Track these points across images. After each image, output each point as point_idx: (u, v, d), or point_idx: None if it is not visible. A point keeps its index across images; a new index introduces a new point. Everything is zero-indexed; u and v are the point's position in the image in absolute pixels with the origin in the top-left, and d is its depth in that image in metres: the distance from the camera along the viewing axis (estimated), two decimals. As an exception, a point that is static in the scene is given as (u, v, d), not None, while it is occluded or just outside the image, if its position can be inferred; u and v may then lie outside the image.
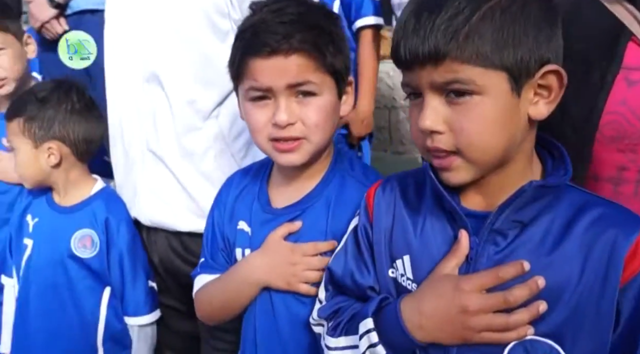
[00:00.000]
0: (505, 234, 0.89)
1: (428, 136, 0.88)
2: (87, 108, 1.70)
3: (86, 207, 1.71)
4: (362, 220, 1.08)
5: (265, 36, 1.12)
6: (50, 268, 1.69)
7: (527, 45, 0.82)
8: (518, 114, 0.85)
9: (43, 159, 1.66)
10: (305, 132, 1.16)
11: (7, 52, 1.86)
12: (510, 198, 0.87)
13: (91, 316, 1.69)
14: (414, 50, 0.84)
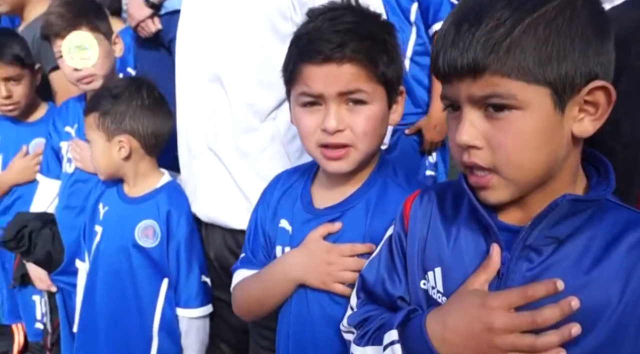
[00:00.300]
0: (539, 251, 0.85)
1: (465, 150, 0.86)
2: (156, 104, 1.78)
3: (151, 199, 1.79)
4: (397, 229, 1.07)
5: (319, 44, 1.14)
6: (115, 255, 1.78)
7: (572, 59, 0.78)
8: (561, 131, 0.82)
9: (115, 151, 1.75)
10: (353, 139, 1.17)
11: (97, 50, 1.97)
12: (543, 212, 0.83)
13: (149, 305, 1.76)
14: (452, 63, 0.82)
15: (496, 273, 0.88)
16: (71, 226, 2.05)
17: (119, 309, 1.78)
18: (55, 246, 2.07)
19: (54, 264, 2.08)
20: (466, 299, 0.88)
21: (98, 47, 1.96)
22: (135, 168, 1.80)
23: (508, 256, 0.87)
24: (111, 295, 1.80)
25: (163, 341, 1.77)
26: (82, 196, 2.02)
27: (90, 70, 1.95)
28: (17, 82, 2.25)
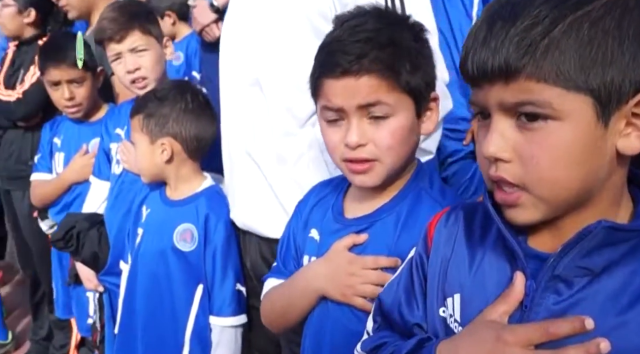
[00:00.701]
0: (569, 283, 0.75)
1: (493, 163, 0.76)
2: (200, 108, 1.77)
3: (191, 202, 1.78)
4: (419, 250, 0.98)
5: (337, 56, 1.10)
6: (154, 257, 1.78)
7: (621, 65, 0.68)
8: (603, 147, 0.71)
9: (157, 154, 1.75)
10: (377, 154, 1.12)
11: (149, 53, 2.00)
12: (574, 239, 0.73)
13: (183, 311, 1.75)
14: (482, 65, 0.73)
15: (519, 304, 0.78)
16: (117, 227, 2.07)
17: (155, 313, 1.78)
18: (102, 246, 2.10)
19: (100, 264, 2.11)
20: (481, 330, 0.79)
21: (150, 50, 1.98)
22: (177, 171, 1.80)
23: (533, 286, 0.77)
24: (149, 298, 1.80)
25: (194, 348, 1.75)
26: (129, 198, 2.03)
27: (142, 73, 1.97)
28: (79, 85, 2.32)
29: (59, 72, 2.31)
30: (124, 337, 1.87)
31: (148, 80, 1.99)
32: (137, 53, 1.96)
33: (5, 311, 3.75)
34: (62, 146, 2.49)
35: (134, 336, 1.83)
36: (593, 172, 0.72)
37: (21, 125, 2.97)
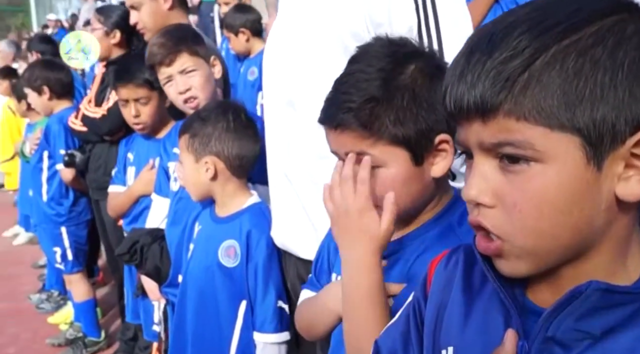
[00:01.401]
0: (567, 346, 0.66)
1: (475, 207, 0.69)
2: (242, 127, 1.81)
3: (236, 219, 1.82)
4: (417, 294, 0.91)
5: (325, 108, 1.13)
6: (201, 273, 1.84)
7: (613, 100, 0.60)
8: (596, 192, 0.63)
9: (202, 172, 1.81)
10: (377, 202, 1.08)
11: (198, 73, 2.06)
12: (564, 300, 0.65)
13: (228, 326, 1.79)
14: (458, 101, 0.66)
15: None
16: (177, 242, 2.15)
17: (203, 327, 1.84)
18: (163, 260, 2.19)
19: (162, 277, 2.20)
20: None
21: (199, 70, 2.04)
22: (223, 189, 1.84)
23: (526, 348, 0.69)
24: (197, 312, 1.86)
25: (238, 364, 1.79)
26: (186, 214, 2.11)
27: (192, 93, 2.04)
28: (145, 103, 2.46)
29: (127, 91, 2.46)
30: (176, 348, 1.94)
31: (199, 100, 2.05)
32: (187, 74, 2.03)
33: (102, 312, 4.02)
34: (133, 160, 2.65)
35: (184, 348, 1.89)
36: (585, 221, 0.64)
37: (107, 139, 3.17)
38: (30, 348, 3.81)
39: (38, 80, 3.56)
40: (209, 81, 2.10)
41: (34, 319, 4.24)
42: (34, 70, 3.64)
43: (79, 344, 3.65)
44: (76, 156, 3.30)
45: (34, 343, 3.86)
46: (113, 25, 3.12)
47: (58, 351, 3.70)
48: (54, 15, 14.14)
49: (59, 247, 3.67)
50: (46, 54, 4.58)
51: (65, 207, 3.67)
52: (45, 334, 3.93)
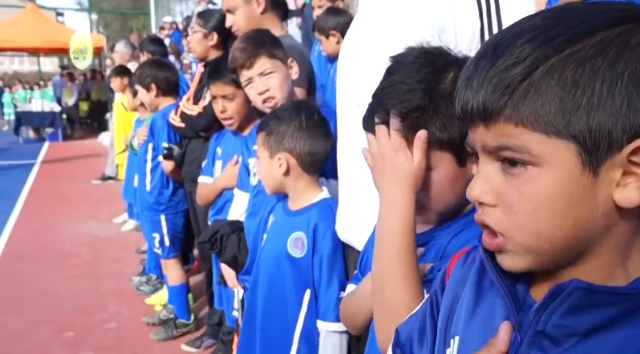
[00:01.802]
0: (557, 341, 0.69)
1: (480, 206, 0.73)
2: (314, 126, 1.92)
3: (305, 213, 1.93)
4: (435, 287, 0.96)
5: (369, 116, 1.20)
6: (272, 261, 1.96)
7: (611, 109, 0.62)
8: (593, 198, 0.65)
9: (276, 168, 1.93)
10: (430, 206, 1.16)
11: (276, 75, 2.20)
12: (548, 297, 0.68)
13: (293, 313, 1.90)
14: (465, 105, 0.70)
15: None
16: (254, 233, 2.29)
17: (271, 313, 1.96)
18: (241, 250, 2.34)
19: (240, 266, 2.35)
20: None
21: (277, 72, 2.17)
22: (295, 184, 1.96)
23: (518, 339, 0.72)
24: (267, 299, 1.98)
25: (302, 349, 1.89)
26: (263, 206, 2.25)
27: (271, 93, 2.18)
28: (231, 100, 2.63)
29: (216, 88, 2.66)
30: (247, 332, 2.07)
31: (277, 100, 2.18)
32: (266, 76, 2.17)
33: (194, 298, 4.27)
34: (221, 155, 2.83)
35: (254, 332, 2.02)
36: (582, 225, 0.66)
37: (202, 135, 3.38)
38: (128, 325, 4.13)
39: (147, 78, 3.85)
40: (286, 82, 2.23)
41: (134, 299, 4.57)
42: (144, 69, 3.93)
43: (171, 325, 3.91)
44: (174, 150, 3.55)
45: (132, 321, 4.18)
46: (211, 29, 3.34)
47: (152, 329, 3.98)
48: (170, 18, 14.90)
49: (158, 234, 3.93)
50: (156, 55, 4.90)
51: (166, 197, 3.92)
52: (142, 314, 4.25)
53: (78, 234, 6.46)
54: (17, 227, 6.81)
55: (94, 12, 27.80)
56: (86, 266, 5.38)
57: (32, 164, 11.61)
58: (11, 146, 14.41)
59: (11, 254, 5.82)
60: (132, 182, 4.44)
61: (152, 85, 3.84)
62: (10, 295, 4.70)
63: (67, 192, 8.90)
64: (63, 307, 4.42)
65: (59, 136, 15.48)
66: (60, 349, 3.75)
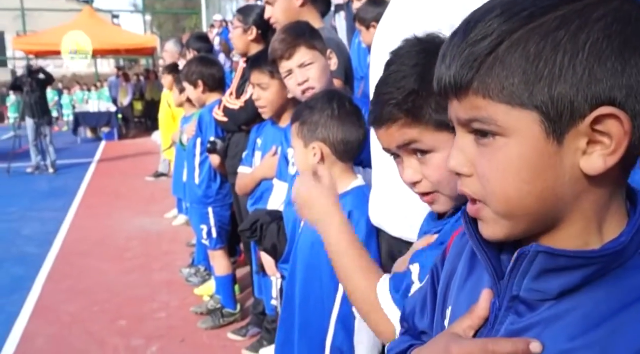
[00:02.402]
0: (531, 306, 0.72)
1: (459, 177, 0.76)
2: (346, 114, 1.94)
3: (340, 200, 1.95)
4: (436, 260, 1.00)
5: (372, 109, 1.20)
6: (308, 248, 2.00)
7: (572, 79, 0.64)
8: (560, 165, 0.67)
9: (310, 156, 1.97)
10: (432, 187, 1.17)
11: (315, 66, 2.23)
12: (514, 262, 0.72)
13: (329, 298, 1.92)
14: (439, 80, 0.73)
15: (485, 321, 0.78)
16: (292, 222, 2.34)
17: (308, 298, 1.99)
18: (280, 238, 2.38)
19: (279, 254, 2.40)
20: (439, 341, 0.82)
21: (315, 63, 2.21)
22: (329, 172, 1.99)
23: (497, 305, 0.76)
24: (304, 284, 2.01)
25: (338, 333, 1.91)
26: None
27: (310, 84, 2.21)
28: (264, 90, 2.69)
29: (252, 77, 2.74)
30: (286, 318, 2.12)
31: (316, 90, 2.21)
32: (305, 67, 2.21)
33: (240, 288, 4.37)
34: (261, 145, 2.90)
35: (292, 318, 2.07)
36: (550, 191, 0.68)
37: (244, 129, 3.46)
38: (177, 314, 4.25)
39: (194, 75, 3.95)
40: (325, 73, 2.26)
41: (183, 290, 4.71)
42: (191, 66, 4.03)
43: (218, 315, 4.01)
44: (217, 144, 3.63)
45: (181, 310, 4.30)
46: (250, 24, 3.40)
47: (200, 319, 4.08)
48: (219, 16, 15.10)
49: (206, 226, 4.04)
50: (201, 52, 5.01)
51: (214, 190, 4.02)
52: (191, 304, 4.37)
53: (131, 228, 6.67)
54: (75, 222, 7.08)
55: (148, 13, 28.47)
56: (138, 259, 5.56)
57: (89, 162, 12.03)
58: (70, 146, 14.91)
59: (69, 247, 6.06)
60: (181, 177, 4.56)
61: (198, 81, 3.94)
62: (67, 286, 4.90)
63: (122, 189, 9.19)
64: (116, 297, 4.59)
65: (114, 135, 15.94)
66: (112, 337, 3.89)
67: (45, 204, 8.15)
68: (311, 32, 2.30)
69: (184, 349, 3.72)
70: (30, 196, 8.81)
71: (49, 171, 10.76)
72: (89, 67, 27.31)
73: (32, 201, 8.38)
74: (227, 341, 3.79)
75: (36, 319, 4.25)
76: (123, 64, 28.54)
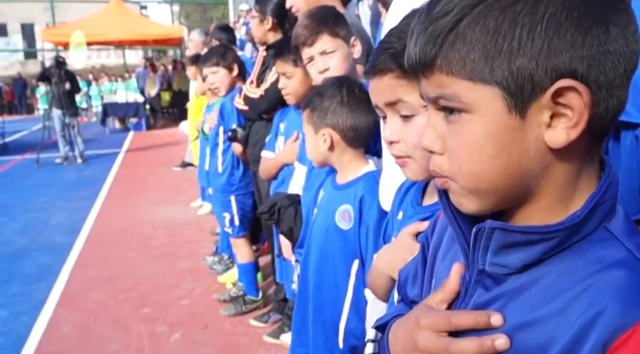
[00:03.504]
0: (496, 279, 0.73)
1: (430, 154, 0.76)
2: (355, 101, 1.94)
3: (351, 186, 1.97)
4: (426, 231, 1.01)
5: (371, 58, 1.19)
6: (321, 234, 2.02)
7: (531, 52, 0.63)
8: (524, 139, 0.67)
9: (320, 143, 1.98)
10: (407, 152, 1.17)
11: (337, 54, 2.22)
12: (474, 238, 0.73)
13: (343, 283, 1.94)
14: (408, 58, 0.73)
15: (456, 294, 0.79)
16: (308, 206, 2.35)
17: (322, 282, 2.01)
18: (297, 222, 2.40)
19: (295, 238, 2.42)
20: (413, 313, 0.84)
21: (337, 51, 2.21)
22: (340, 158, 1.99)
23: (467, 278, 0.77)
24: (318, 269, 2.03)
25: (351, 317, 1.93)
26: (317, 181, 2.30)
27: (331, 72, 2.21)
28: (289, 78, 2.70)
29: (277, 66, 2.76)
30: (300, 303, 2.14)
31: None
32: (327, 55, 2.21)
33: (262, 276, 4.41)
34: (284, 130, 2.94)
35: (307, 302, 2.09)
36: (516, 165, 0.68)
37: (264, 117, 3.47)
38: (200, 301, 4.31)
39: (230, 58, 3.98)
40: (346, 61, 2.25)
41: (206, 277, 4.77)
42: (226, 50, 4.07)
43: (240, 301, 4.05)
44: (238, 132, 3.65)
45: (204, 297, 4.36)
46: (266, 13, 3.41)
47: (222, 305, 4.14)
48: (246, 5, 15.13)
49: (228, 213, 4.08)
50: (224, 41, 5.04)
51: (236, 178, 4.06)
52: (214, 291, 4.43)
53: (157, 217, 6.76)
54: (102, 212, 7.20)
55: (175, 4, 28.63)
56: (163, 247, 5.63)
57: (117, 152, 12.20)
58: (98, 136, 15.13)
59: (96, 236, 6.16)
60: (205, 165, 4.60)
61: (234, 65, 3.96)
62: (94, 273, 5.00)
63: (149, 178, 9.31)
64: (140, 285, 4.66)
65: (142, 126, 16.14)
66: (137, 323, 3.96)
67: (73, 193, 8.30)
68: (336, 18, 2.27)
69: (207, 335, 3.77)
70: (58, 185, 8.99)
71: (78, 161, 10.94)
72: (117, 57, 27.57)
73: (60, 191, 8.54)
74: (249, 328, 3.84)
75: (63, 306, 4.34)
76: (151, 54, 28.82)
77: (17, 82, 27.17)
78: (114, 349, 3.64)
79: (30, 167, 10.68)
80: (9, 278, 4.97)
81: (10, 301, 4.47)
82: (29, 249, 5.79)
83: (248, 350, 3.57)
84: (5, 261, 5.42)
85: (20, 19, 32.66)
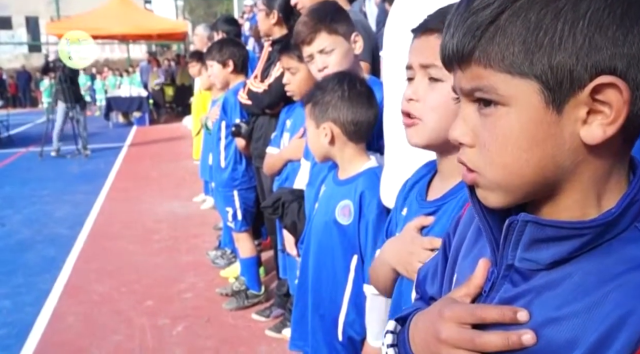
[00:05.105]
0: (524, 275, 0.73)
1: (460, 146, 0.76)
2: (356, 95, 1.96)
3: (353, 181, 1.98)
4: (448, 229, 1.02)
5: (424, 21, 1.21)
6: (321, 229, 2.03)
7: (572, 48, 0.64)
8: (558, 134, 0.67)
9: (321, 137, 1.99)
10: (422, 113, 1.19)
11: (335, 52, 2.23)
12: (505, 231, 0.73)
13: (342, 278, 1.96)
14: (444, 50, 0.73)
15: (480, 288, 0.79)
16: (311, 201, 2.37)
17: (321, 277, 2.03)
18: (300, 217, 2.42)
19: (298, 232, 2.44)
20: (435, 305, 0.84)
21: (336, 49, 2.22)
22: (342, 153, 2.01)
23: (495, 273, 0.77)
24: (317, 263, 2.05)
25: (350, 312, 1.95)
26: (320, 176, 2.32)
27: (329, 70, 2.22)
28: (293, 74, 2.71)
29: (281, 61, 2.78)
30: (300, 297, 2.16)
31: None
32: (325, 53, 2.22)
33: (265, 271, 4.43)
34: (290, 127, 2.94)
35: (306, 296, 2.11)
36: (549, 159, 0.68)
37: (268, 112, 3.48)
38: (203, 295, 4.34)
39: (226, 54, 3.98)
40: (346, 58, 2.25)
41: (209, 272, 4.79)
42: (223, 45, 4.06)
43: (242, 296, 4.07)
44: (242, 127, 3.67)
45: (207, 291, 4.39)
46: (273, 7, 3.42)
47: (225, 300, 4.16)
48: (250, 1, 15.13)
49: (231, 208, 4.09)
50: (230, 34, 5.03)
51: (239, 172, 4.06)
52: (216, 285, 4.45)
53: (160, 211, 6.79)
54: (105, 205, 7.23)
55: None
56: (166, 241, 5.66)
57: (121, 147, 12.23)
58: (102, 130, 15.14)
59: (99, 229, 6.20)
60: (208, 160, 4.62)
61: (229, 61, 3.96)
62: (97, 266, 5.03)
63: (152, 173, 9.34)
64: (143, 278, 4.69)
65: (145, 120, 16.14)
66: (139, 317, 3.99)
67: (77, 187, 8.34)
68: (335, 14, 2.27)
69: (209, 329, 3.80)
70: (62, 179, 9.03)
71: (82, 155, 10.97)
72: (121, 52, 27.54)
73: (64, 184, 8.58)
74: (251, 322, 3.86)
75: (66, 297, 4.38)
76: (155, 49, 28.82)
77: (22, 75, 27.22)
78: (117, 341, 3.67)
79: (34, 160, 10.73)
80: (13, 269, 5.01)
81: (15, 292, 4.51)
82: (34, 241, 5.83)
83: (250, 344, 3.59)
84: (10, 253, 5.46)
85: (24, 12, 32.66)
